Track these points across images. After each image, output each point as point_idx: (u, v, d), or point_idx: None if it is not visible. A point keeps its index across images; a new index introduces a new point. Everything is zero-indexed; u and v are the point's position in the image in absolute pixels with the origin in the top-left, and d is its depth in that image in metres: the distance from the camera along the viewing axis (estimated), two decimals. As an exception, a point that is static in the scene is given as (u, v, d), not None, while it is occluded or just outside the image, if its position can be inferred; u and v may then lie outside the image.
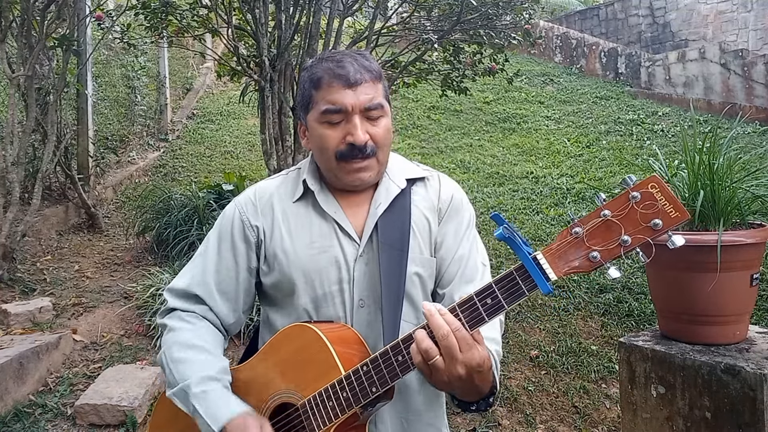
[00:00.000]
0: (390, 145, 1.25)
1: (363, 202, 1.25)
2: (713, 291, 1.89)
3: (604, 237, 0.91)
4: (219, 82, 8.85)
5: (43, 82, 4.63)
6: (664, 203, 0.88)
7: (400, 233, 1.20)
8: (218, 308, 1.26)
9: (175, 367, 1.17)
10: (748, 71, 7.53)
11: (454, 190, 1.30)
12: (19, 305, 3.62)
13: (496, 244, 4.69)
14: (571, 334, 3.56)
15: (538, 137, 7.41)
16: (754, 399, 1.77)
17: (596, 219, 0.91)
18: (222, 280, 1.26)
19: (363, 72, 1.18)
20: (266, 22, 4.04)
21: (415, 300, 1.21)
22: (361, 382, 1.04)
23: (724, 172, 2.03)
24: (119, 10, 4.96)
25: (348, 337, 1.14)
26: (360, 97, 1.16)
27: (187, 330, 1.22)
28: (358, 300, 1.19)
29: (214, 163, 6.73)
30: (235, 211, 1.27)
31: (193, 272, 1.28)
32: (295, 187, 1.27)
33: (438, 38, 4.22)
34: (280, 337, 1.17)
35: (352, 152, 1.17)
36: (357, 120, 1.16)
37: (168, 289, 1.30)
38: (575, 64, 10.11)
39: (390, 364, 1.03)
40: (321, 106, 1.18)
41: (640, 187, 0.90)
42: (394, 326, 1.13)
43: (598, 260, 0.91)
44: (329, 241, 1.21)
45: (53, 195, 5.12)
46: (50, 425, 2.84)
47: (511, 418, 2.99)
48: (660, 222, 0.88)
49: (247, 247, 1.25)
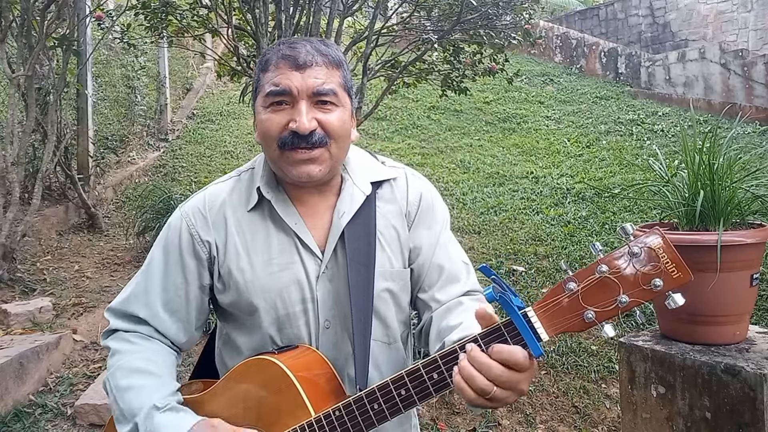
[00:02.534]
0: (348, 138, 1.11)
1: (325, 210, 1.13)
2: (713, 291, 1.89)
3: (601, 295, 0.84)
4: (219, 82, 8.85)
5: (43, 82, 4.63)
6: (666, 262, 0.81)
7: (366, 246, 1.09)
8: (166, 328, 1.15)
9: (120, 396, 1.07)
10: (748, 71, 7.53)
11: (422, 189, 1.19)
12: (19, 305, 3.62)
13: (495, 243, 4.69)
14: (571, 334, 3.56)
15: (538, 137, 7.41)
16: (754, 399, 1.77)
17: (592, 275, 0.84)
18: (170, 299, 1.14)
19: (315, 54, 1.06)
20: (266, 22, 4.04)
21: (386, 317, 1.12)
22: (333, 429, 0.97)
23: (724, 172, 2.03)
24: (119, 10, 4.96)
25: (313, 363, 1.07)
26: (308, 81, 1.04)
27: (131, 353, 1.11)
28: (323, 321, 1.10)
29: (214, 163, 6.73)
30: (183, 223, 1.14)
31: (135, 290, 1.17)
32: (248, 194, 1.13)
33: (438, 38, 4.22)
34: (241, 369, 1.08)
35: (294, 140, 1.04)
36: (303, 106, 1.04)
37: (108, 308, 1.19)
38: (575, 64, 10.11)
39: (365, 412, 0.96)
40: (266, 88, 1.07)
41: (642, 242, 0.82)
42: (364, 346, 1.05)
43: (592, 320, 0.84)
44: (289, 257, 1.10)
45: (53, 195, 5.12)
46: (50, 425, 2.84)
47: (511, 418, 2.99)
48: (661, 282, 0.81)
49: (198, 264, 1.13)
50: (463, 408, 3.01)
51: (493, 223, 5.12)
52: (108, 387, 1.10)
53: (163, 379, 1.10)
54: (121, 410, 1.06)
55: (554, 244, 4.64)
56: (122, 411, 1.06)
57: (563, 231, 4.84)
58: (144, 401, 1.05)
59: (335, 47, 1.13)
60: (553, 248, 4.58)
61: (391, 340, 1.15)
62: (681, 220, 2.08)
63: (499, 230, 4.97)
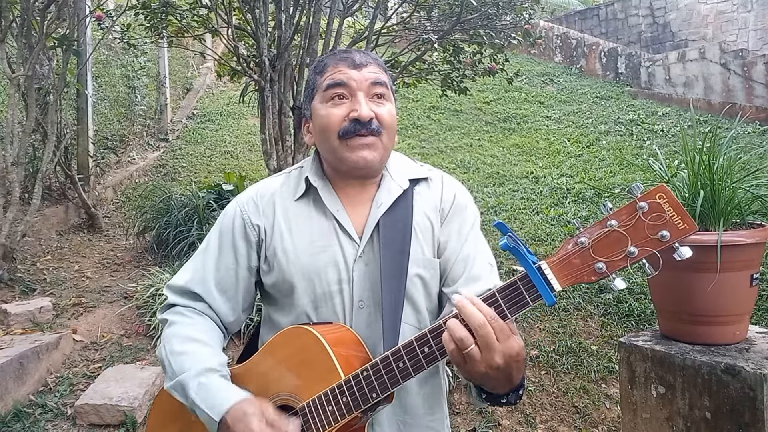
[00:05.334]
0: (395, 132, 1.23)
1: (365, 200, 1.22)
2: (713, 291, 1.89)
3: (610, 248, 0.89)
4: (219, 82, 8.85)
5: (43, 82, 4.63)
6: (672, 214, 0.87)
7: (402, 234, 1.17)
8: (217, 306, 1.25)
9: (174, 359, 1.15)
10: (748, 71, 7.53)
11: (456, 190, 1.28)
12: (19, 305, 3.62)
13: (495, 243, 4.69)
14: (571, 334, 3.56)
15: (538, 137, 7.41)
16: (754, 399, 1.77)
17: (602, 229, 0.89)
18: (222, 278, 1.24)
19: (368, 57, 1.20)
20: (266, 22, 4.04)
21: (417, 302, 1.19)
22: (361, 388, 1.03)
23: (724, 172, 2.03)
24: (119, 10, 4.97)
25: (347, 339, 1.12)
26: (365, 74, 1.17)
27: (187, 324, 1.21)
28: (357, 301, 1.17)
29: (214, 163, 6.73)
30: (237, 209, 1.26)
31: (193, 269, 1.27)
32: (297, 185, 1.25)
33: (438, 38, 4.22)
34: (279, 339, 1.15)
35: (355, 127, 1.15)
36: (361, 96, 1.16)
37: (168, 285, 1.29)
38: (575, 64, 10.11)
39: (391, 370, 1.01)
40: (325, 83, 1.18)
41: (648, 197, 0.88)
42: (394, 328, 1.11)
43: (603, 271, 0.89)
44: (329, 240, 1.19)
45: (53, 195, 5.12)
46: (50, 425, 2.84)
47: (511, 418, 2.99)
48: (668, 234, 0.86)
49: (248, 246, 1.24)
50: (463, 408, 3.01)
51: (493, 223, 5.11)
52: (163, 353, 1.18)
53: (215, 350, 1.19)
54: (173, 370, 1.14)
55: (554, 244, 4.64)
56: (174, 370, 1.14)
57: (563, 231, 4.83)
58: (197, 364, 1.13)
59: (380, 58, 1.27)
60: (553, 248, 4.57)
61: (421, 326, 1.18)
62: (681, 220, 2.07)
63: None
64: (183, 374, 1.12)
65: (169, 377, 1.16)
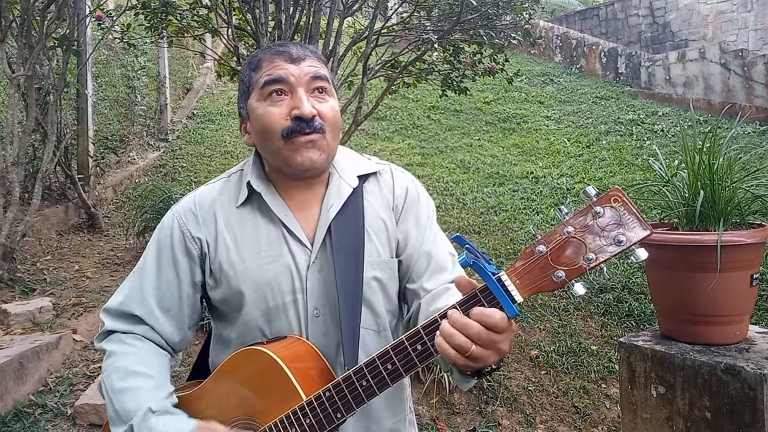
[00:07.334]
0: (339, 129, 1.15)
1: (313, 203, 1.16)
2: (713, 291, 1.89)
3: (569, 255, 0.87)
4: (219, 82, 8.85)
5: (43, 82, 4.63)
6: (627, 218, 0.85)
7: (355, 237, 1.12)
8: (160, 327, 1.16)
9: (115, 397, 1.07)
10: (748, 71, 7.53)
11: (408, 183, 1.22)
12: (19, 305, 3.62)
13: (495, 243, 4.69)
14: (571, 334, 3.56)
15: (538, 137, 7.41)
16: (754, 399, 1.77)
17: (560, 236, 0.87)
18: (164, 297, 1.16)
19: (306, 50, 1.13)
20: (266, 22, 4.04)
21: (374, 305, 1.14)
22: (325, 409, 0.99)
23: (724, 172, 2.03)
24: (119, 10, 4.97)
25: (303, 353, 1.08)
26: (304, 69, 1.10)
27: (129, 354, 1.12)
28: (312, 310, 1.11)
29: (214, 163, 6.73)
30: (174, 221, 1.17)
31: (130, 289, 1.18)
32: (237, 191, 1.17)
33: (438, 38, 4.22)
34: (232, 361, 1.09)
35: (300, 126, 1.07)
36: (302, 92, 1.09)
37: (104, 309, 1.19)
38: (575, 64, 10.11)
39: (354, 389, 0.98)
40: (261, 80, 1.11)
41: (602, 201, 0.86)
42: (353, 335, 1.07)
43: (562, 279, 0.87)
44: (278, 248, 1.12)
45: (53, 195, 5.12)
46: (50, 425, 2.84)
47: (511, 418, 2.99)
48: (624, 239, 0.85)
49: (190, 261, 1.15)
50: (463, 408, 3.01)
51: (493, 223, 5.12)
52: (104, 389, 1.11)
53: (158, 381, 1.11)
54: (117, 412, 1.07)
55: (554, 244, 4.63)
56: (118, 413, 1.07)
57: (563, 231, 4.84)
58: (140, 403, 1.06)
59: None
60: (553, 248, 4.57)
61: (380, 329, 1.16)
62: (681, 220, 2.08)
63: (499, 230, 4.98)
64: (131, 420, 1.05)
65: (113, 420, 1.08)
